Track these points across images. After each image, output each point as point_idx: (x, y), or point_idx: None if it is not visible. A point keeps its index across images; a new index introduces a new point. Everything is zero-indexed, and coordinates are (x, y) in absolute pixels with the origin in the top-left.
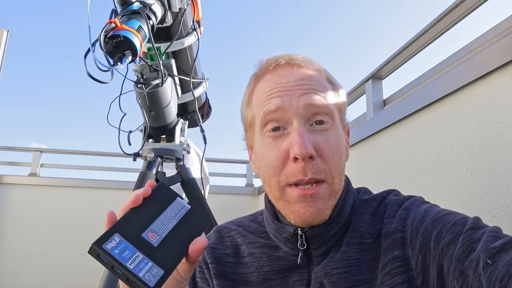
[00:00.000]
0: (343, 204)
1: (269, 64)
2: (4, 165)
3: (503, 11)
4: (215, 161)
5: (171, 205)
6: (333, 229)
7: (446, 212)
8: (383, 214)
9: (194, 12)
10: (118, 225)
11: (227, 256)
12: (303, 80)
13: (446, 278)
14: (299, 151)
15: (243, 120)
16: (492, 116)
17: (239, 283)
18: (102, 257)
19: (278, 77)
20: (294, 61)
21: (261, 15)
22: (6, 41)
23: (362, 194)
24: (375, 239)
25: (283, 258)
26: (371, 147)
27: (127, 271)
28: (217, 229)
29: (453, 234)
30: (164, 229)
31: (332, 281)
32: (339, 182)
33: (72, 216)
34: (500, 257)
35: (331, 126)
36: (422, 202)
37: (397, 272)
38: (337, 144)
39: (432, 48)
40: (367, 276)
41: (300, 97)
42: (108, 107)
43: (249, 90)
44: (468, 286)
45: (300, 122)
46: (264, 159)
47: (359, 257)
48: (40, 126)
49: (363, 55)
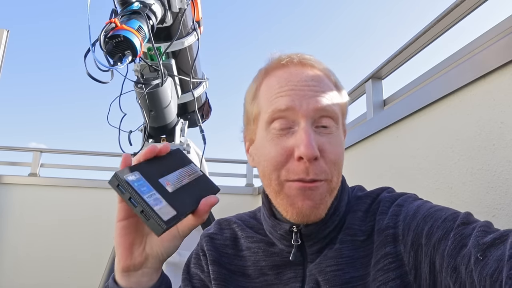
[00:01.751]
0: (339, 203)
1: (281, 60)
2: (4, 165)
3: (503, 11)
4: (215, 161)
5: (186, 167)
6: (328, 228)
7: (438, 208)
8: (376, 211)
9: (194, 12)
10: (138, 166)
11: (226, 247)
12: (313, 81)
13: (438, 274)
14: (306, 152)
15: (246, 114)
16: (492, 116)
17: (235, 273)
18: (122, 187)
19: (289, 75)
20: (307, 60)
21: (261, 15)
22: (6, 41)
23: (356, 191)
24: (368, 236)
25: (278, 254)
26: (371, 147)
27: (144, 203)
28: (217, 221)
29: (444, 229)
30: (179, 182)
31: (326, 279)
32: (336, 180)
33: (72, 216)
34: (491, 252)
35: (335, 129)
36: (415, 198)
37: (389, 268)
38: (339, 147)
39: (432, 48)
40: (361, 273)
41: (310, 99)
42: (108, 107)
43: (256, 84)
44: (461, 282)
45: (308, 123)
46: (267, 154)
47: (352, 254)
48: (39, 126)
49: (363, 55)
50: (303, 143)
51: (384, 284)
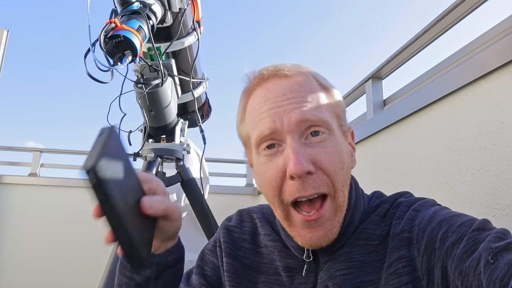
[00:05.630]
0: (353, 213)
1: (256, 77)
2: (4, 165)
3: (503, 11)
4: (215, 161)
5: None
6: (342, 241)
7: (455, 214)
8: (393, 216)
9: (194, 12)
10: None
11: (244, 241)
12: (292, 92)
13: (450, 279)
14: (294, 170)
15: (240, 137)
16: (492, 116)
17: (249, 268)
18: None
19: (266, 91)
20: (281, 71)
21: (261, 15)
22: (6, 41)
23: (374, 200)
24: (382, 241)
25: (292, 257)
26: (371, 147)
27: None
28: (239, 212)
29: (458, 234)
30: None
31: (336, 283)
32: (342, 194)
33: (72, 216)
34: (503, 256)
35: (328, 136)
36: (433, 204)
37: (402, 272)
38: (337, 155)
39: (432, 48)
40: (372, 277)
41: (291, 113)
42: (108, 107)
43: (241, 106)
44: (468, 285)
45: (294, 138)
46: (263, 179)
47: (364, 258)
48: (38, 126)
49: (363, 55)
50: (291, 161)
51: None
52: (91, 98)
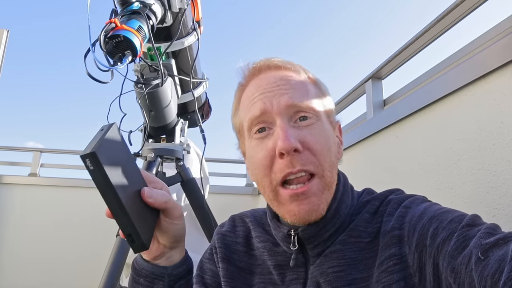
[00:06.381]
0: (339, 205)
1: (250, 71)
2: (4, 165)
3: (503, 11)
4: (215, 161)
5: None
6: (328, 231)
7: (445, 210)
8: (383, 213)
9: (194, 12)
10: None
11: (237, 244)
12: (282, 80)
13: (442, 276)
14: (283, 145)
15: (234, 128)
16: (492, 116)
17: (244, 271)
18: None
19: (259, 81)
20: (272, 62)
21: (261, 15)
22: (6, 41)
23: (364, 196)
24: (373, 238)
25: (281, 254)
26: (371, 147)
27: None
28: (232, 217)
29: (449, 231)
30: None
31: (328, 280)
32: (330, 175)
33: (72, 216)
34: (493, 252)
35: (316, 121)
36: (423, 200)
37: (393, 270)
38: (323, 137)
39: (432, 48)
40: (364, 274)
41: (280, 97)
42: (108, 107)
43: (236, 99)
44: (460, 282)
45: (283, 119)
46: (254, 161)
47: (356, 256)
48: (38, 126)
49: (363, 55)
50: (280, 138)
51: (387, 286)
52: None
